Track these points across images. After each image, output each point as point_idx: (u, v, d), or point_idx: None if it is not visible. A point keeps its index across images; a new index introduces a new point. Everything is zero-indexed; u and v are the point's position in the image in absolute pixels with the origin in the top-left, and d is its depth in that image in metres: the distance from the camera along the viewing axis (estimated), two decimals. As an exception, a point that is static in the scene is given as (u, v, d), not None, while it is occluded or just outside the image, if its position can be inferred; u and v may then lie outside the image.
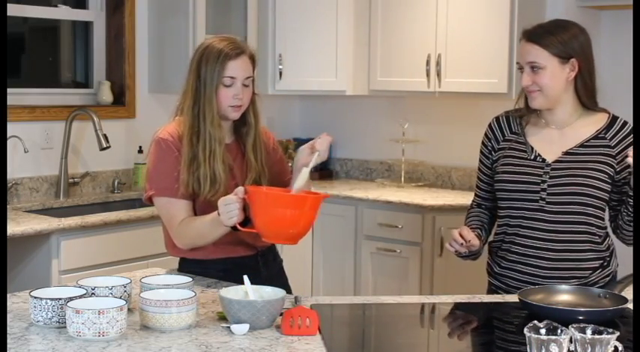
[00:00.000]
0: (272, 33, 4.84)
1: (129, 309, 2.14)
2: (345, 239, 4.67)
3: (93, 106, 4.46)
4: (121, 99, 4.63)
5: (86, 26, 4.67)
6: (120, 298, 2.13)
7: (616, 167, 2.60)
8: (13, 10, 4.22)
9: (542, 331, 1.75)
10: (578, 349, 1.74)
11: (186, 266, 2.69)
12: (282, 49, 4.84)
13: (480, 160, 2.80)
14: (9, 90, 3.91)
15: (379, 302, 2.47)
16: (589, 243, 2.61)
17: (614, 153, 2.61)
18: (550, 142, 2.66)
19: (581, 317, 2.10)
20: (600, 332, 1.74)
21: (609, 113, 2.69)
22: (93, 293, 2.17)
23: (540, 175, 2.61)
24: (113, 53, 4.65)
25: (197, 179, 2.58)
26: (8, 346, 1.95)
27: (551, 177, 2.59)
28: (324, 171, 5.28)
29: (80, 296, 2.11)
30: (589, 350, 1.73)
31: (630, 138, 2.62)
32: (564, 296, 2.34)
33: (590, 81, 2.64)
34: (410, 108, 5.08)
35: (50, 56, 4.76)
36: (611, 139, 2.63)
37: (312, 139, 2.59)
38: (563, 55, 2.58)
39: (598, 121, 2.66)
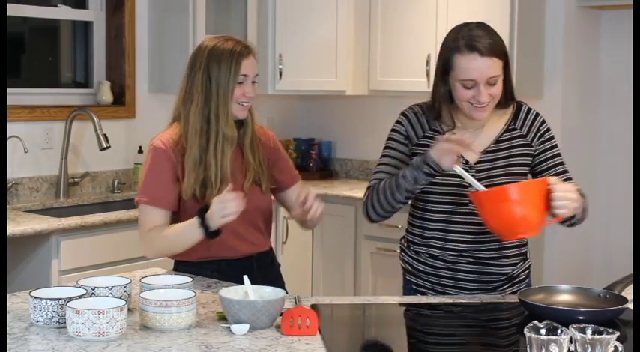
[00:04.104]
0: (272, 33, 4.83)
1: (129, 309, 2.14)
2: (345, 239, 4.67)
3: (93, 106, 4.46)
4: (121, 99, 4.63)
5: (86, 26, 4.67)
6: (120, 298, 2.13)
7: (533, 153, 2.60)
8: (13, 10, 4.21)
9: (542, 331, 1.75)
10: (578, 349, 1.74)
11: (182, 267, 2.68)
12: (282, 49, 4.83)
13: (391, 146, 2.69)
14: (9, 90, 3.91)
15: (379, 302, 2.47)
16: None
17: (529, 141, 2.60)
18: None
19: (581, 317, 2.10)
20: (600, 332, 1.74)
21: (513, 103, 2.64)
22: (93, 293, 2.17)
23: None
24: (113, 53, 4.65)
25: (204, 181, 2.57)
26: (8, 346, 1.95)
27: (478, 180, 2.47)
28: (324, 171, 5.28)
29: (80, 296, 2.12)
30: (589, 350, 1.73)
31: (537, 123, 2.60)
32: (564, 296, 2.34)
33: (509, 82, 2.59)
34: (410, 108, 5.07)
35: (50, 56, 4.76)
36: (522, 128, 2.61)
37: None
38: (505, 60, 2.53)
39: (503, 114, 2.62)
